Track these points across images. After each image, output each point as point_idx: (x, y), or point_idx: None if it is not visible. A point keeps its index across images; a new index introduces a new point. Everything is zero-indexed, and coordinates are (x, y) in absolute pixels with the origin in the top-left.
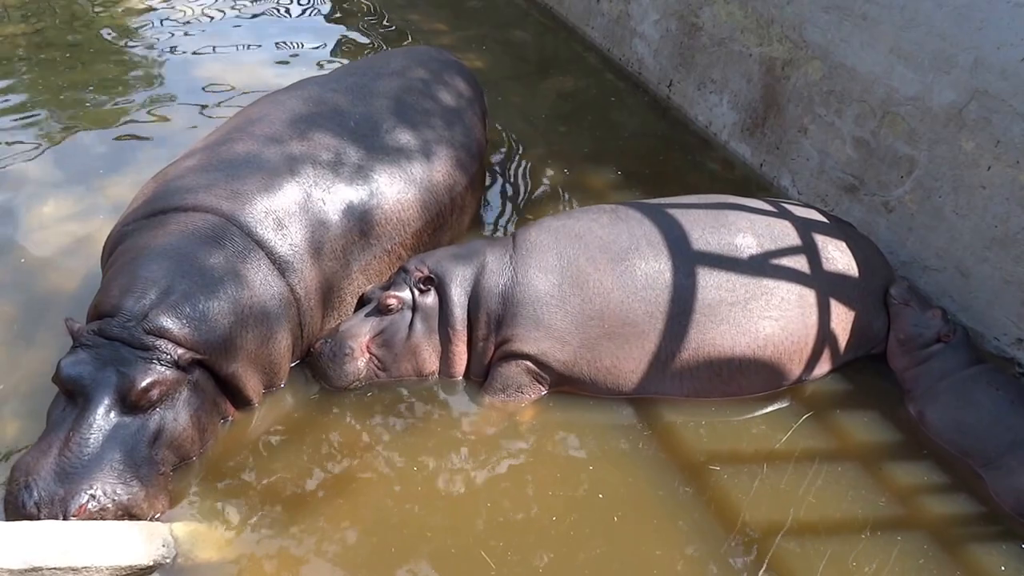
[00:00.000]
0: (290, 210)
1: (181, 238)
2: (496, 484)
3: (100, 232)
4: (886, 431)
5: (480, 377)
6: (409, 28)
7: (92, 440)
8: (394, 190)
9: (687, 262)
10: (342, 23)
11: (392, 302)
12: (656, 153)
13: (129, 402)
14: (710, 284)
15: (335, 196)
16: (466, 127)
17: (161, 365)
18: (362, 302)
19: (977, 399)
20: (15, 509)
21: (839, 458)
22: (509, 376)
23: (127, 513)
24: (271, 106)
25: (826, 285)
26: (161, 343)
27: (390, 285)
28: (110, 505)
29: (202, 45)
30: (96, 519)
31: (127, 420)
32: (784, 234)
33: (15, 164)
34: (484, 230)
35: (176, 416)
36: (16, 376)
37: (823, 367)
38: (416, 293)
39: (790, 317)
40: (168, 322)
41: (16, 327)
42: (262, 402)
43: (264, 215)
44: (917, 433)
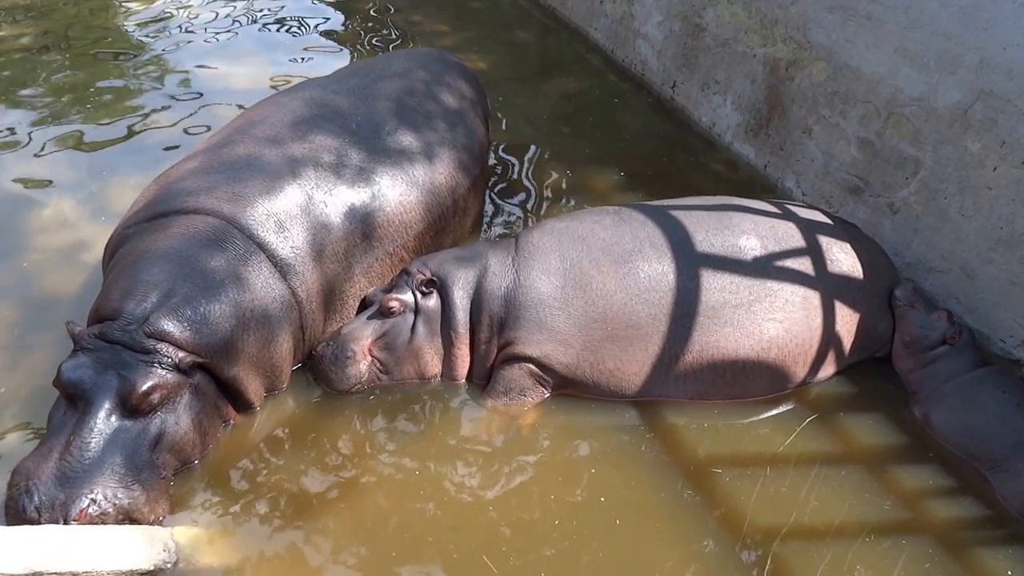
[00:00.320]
0: (292, 212)
1: (182, 241)
2: (498, 488)
3: (101, 235)
4: (891, 434)
5: (483, 380)
6: (412, 29)
7: (93, 444)
8: (396, 192)
9: (691, 264)
10: (344, 24)
11: (394, 305)
12: (659, 154)
13: (130, 406)
14: (714, 286)
15: (337, 198)
16: (468, 129)
17: (162, 369)
18: (364, 305)
19: (983, 401)
20: (16, 513)
21: (843, 461)
22: (512, 379)
23: (128, 517)
24: (272, 108)
25: (830, 287)
26: (162, 346)
27: (392, 288)
28: (111, 509)
29: (205, 49)
30: (97, 523)
31: (128, 424)
32: (788, 236)
33: (17, 166)
34: (486, 232)
35: (177, 420)
36: (17, 379)
37: (827, 370)
38: (418, 296)
39: (794, 319)
40: (169, 325)
41: (17, 330)
42: (263, 406)
43: (265, 217)
44: (922, 436)
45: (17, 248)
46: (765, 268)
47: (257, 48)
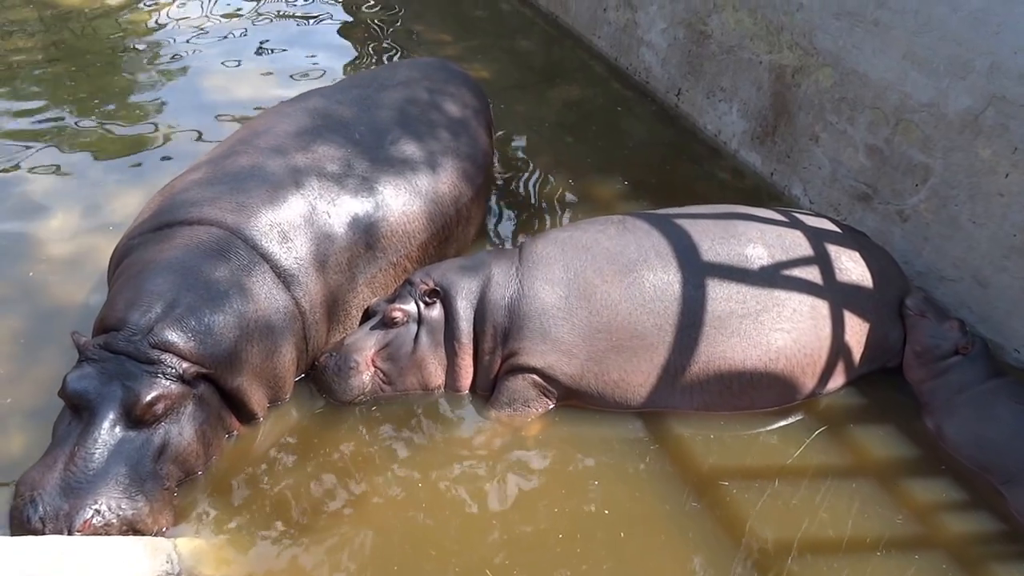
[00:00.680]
0: (295, 223)
1: (186, 252)
2: (502, 499)
3: (106, 245)
4: (903, 446)
5: (486, 391)
6: (415, 39)
7: (97, 455)
8: (400, 202)
9: (696, 273)
10: (348, 35)
11: (397, 315)
12: (664, 162)
13: (134, 416)
14: (720, 296)
15: (340, 208)
16: (472, 138)
17: (166, 379)
18: (367, 315)
19: (997, 413)
20: (20, 524)
21: (854, 474)
22: (516, 390)
23: (131, 528)
24: (276, 118)
25: (839, 296)
26: (166, 357)
27: (395, 298)
28: (115, 520)
29: (210, 58)
30: (100, 534)
31: (132, 435)
32: (796, 244)
33: (23, 177)
34: (490, 242)
35: (181, 430)
36: (22, 390)
37: (837, 380)
38: (422, 306)
39: (803, 329)
40: (173, 336)
41: (22, 340)
42: (267, 416)
43: (269, 228)
44: (935, 448)
45: (23, 258)
46: (772, 277)
47: (263, 59)
